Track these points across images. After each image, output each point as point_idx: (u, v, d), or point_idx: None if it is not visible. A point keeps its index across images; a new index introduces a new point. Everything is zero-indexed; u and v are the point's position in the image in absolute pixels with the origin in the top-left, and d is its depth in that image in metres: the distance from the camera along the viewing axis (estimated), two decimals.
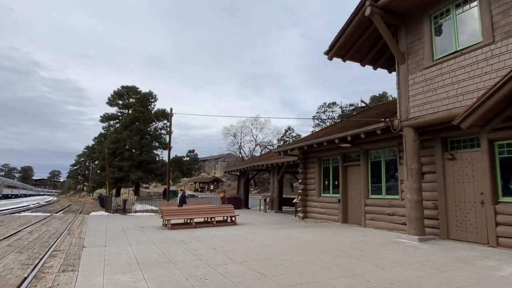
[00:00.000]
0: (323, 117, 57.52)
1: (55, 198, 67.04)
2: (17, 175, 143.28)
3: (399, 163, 9.83)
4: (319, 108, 57.79)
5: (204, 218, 13.47)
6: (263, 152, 62.46)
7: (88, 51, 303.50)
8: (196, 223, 12.74)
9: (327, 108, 57.08)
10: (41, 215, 18.70)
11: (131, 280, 5.15)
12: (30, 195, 77.39)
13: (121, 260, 6.58)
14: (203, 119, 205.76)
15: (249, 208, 22.89)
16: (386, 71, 11.57)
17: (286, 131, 63.68)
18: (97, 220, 15.84)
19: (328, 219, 12.70)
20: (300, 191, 14.14)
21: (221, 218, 13.58)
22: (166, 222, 12.48)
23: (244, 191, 23.83)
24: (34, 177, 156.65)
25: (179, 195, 24.11)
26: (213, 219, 13.10)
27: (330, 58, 10.33)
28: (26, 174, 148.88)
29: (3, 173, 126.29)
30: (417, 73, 8.59)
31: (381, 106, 16.27)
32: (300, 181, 14.31)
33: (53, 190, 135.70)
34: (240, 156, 67.40)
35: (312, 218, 13.59)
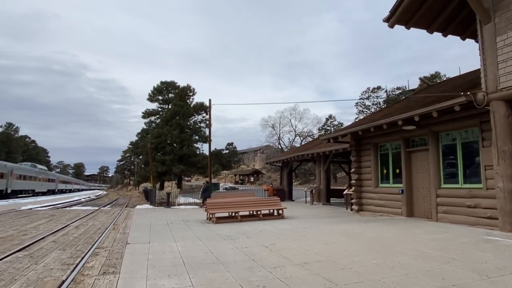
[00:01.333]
0: (367, 103, 54.36)
1: (104, 192, 70.81)
2: (70, 171, 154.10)
3: (481, 145, 8.17)
4: (362, 94, 54.73)
5: (249, 211, 12.68)
6: (303, 143, 60.87)
7: (129, 51, 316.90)
8: (241, 216, 11.97)
9: (371, 94, 53.83)
10: (90, 209, 19.10)
11: (177, 286, 4.37)
12: (82, 190, 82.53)
13: (165, 260, 5.88)
14: (240, 112, 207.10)
15: (293, 200, 21.87)
16: (450, 40, 9.88)
17: (327, 119, 61.34)
18: (142, 213, 15.70)
19: (389, 212, 11.28)
20: (353, 181, 12.81)
21: (266, 211, 12.72)
22: (211, 216, 11.84)
23: (287, 183, 22.80)
24: (86, 173, 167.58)
25: (202, 188, 23.33)
26: (259, 213, 12.25)
27: (391, 26, 8.87)
28: (78, 170, 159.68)
29: (58, 169, 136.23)
30: (508, 33, 6.93)
31: (447, 82, 14.28)
32: (353, 170, 12.95)
33: (103, 185, 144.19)
34: (280, 147, 66.27)
35: (369, 211, 12.23)
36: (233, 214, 12.40)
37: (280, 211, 12.57)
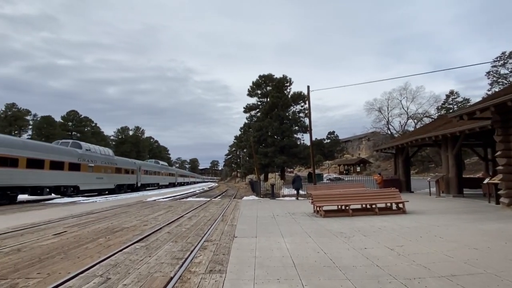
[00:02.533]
0: (503, 71, 44.06)
1: (216, 184, 76.95)
2: (187, 166, 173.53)
3: None
4: (495, 61, 44.53)
5: (361, 204, 11.27)
6: (417, 126, 54.04)
7: (228, 51, 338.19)
8: (353, 210, 10.68)
9: (507, 59, 43.53)
10: (202, 200, 20.37)
11: None
12: (197, 182, 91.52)
13: (274, 259, 5.24)
14: (340, 99, 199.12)
15: (412, 192, 19.15)
16: None
17: (447, 96, 52.28)
18: (249, 205, 15.79)
19: None
20: (500, 167, 10.04)
21: (382, 205, 11.10)
22: (318, 209, 10.91)
23: (403, 171, 20.03)
24: (199, 167, 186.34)
25: (292, 179, 22.15)
26: (373, 206, 10.74)
27: None
28: (193, 165, 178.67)
29: (177, 165, 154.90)
30: None
31: None
32: (499, 153, 10.12)
33: (215, 177, 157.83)
34: (389, 132, 60.26)
35: None
36: (343, 208, 11.21)
37: (401, 205, 10.79)
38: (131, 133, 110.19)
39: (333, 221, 9.47)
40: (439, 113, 51.52)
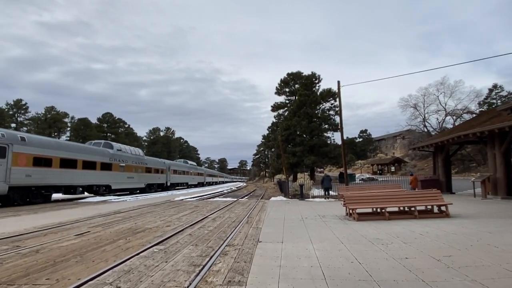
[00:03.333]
0: None
1: (244, 184, 76.90)
2: (216, 165, 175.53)
3: None
4: None
5: (399, 207, 10.36)
6: (456, 123, 50.78)
7: (255, 50, 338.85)
8: (390, 213, 9.81)
9: None
10: (229, 200, 20.05)
11: None
12: (225, 182, 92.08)
13: (301, 270, 4.65)
14: (372, 96, 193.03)
15: (453, 193, 17.67)
16: None
17: (490, 90, 48.44)
18: (276, 206, 15.22)
19: None
20: None
21: (422, 208, 10.12)
22: (351, 212, 10.14)
23: (443, 171, 18.54)
24: (228, 167, 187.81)
25: (321, 178, 21.20)
26: (412, 209, 9.80)
27: None
28: (222, 165, 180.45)
29: (206, 164, 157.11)
30: None
31: None
32: None
33: (243, 177, 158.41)
34: (425, 130, 57.12)
35: None
36: (378, 210, 10.37)
37: (443, 208, 9.77)
38: (162, 134, 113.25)
39: (368, 225, 8.69)
40: (480, 109, 48.02)
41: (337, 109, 50.40)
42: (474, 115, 45.20)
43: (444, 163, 18.63)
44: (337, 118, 48.60)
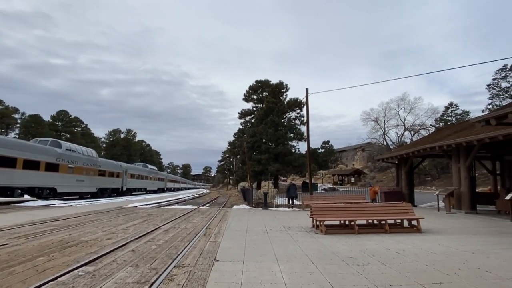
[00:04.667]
0: (504, 84, 43.03)
1: (207, 191, 74.81)
2: (179, 171, 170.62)
3: None
4: (497, 73, 43.49)
5: (367, 220, 9.74)
6: (414, 138, 52.90)
7: (224, 57, 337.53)
8: (359, 226, 9.13)
9: (508, 72, 42.48)
10: (188, 208, 18.65)
11: None
12: (188, 188, 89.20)
13: None
14: (335, 109, 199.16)
15: (416, 206, 17.62)
16: None
17: (447, 108, 50.88)
18: (239, 215, 14.15)
19: None
20: None
21: (391, 221, 9.57)
22: (319, 224, 9.34)
23: (406, 184, 18.54)
24: (192, 173, 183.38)
25: (287, 187, 20.64)
26: (382, 223, 9.20)
27: None
28: (185, 170, 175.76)
29: (169, 170, 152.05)
30: None
31: None
32: None
33: (207, 184, 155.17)
34: (385, 143, 59.07)
35: None
36: (346, 223, 9.66)
37: (414, 222, 9.27)
38: (122, 136, 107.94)
39: (337, 239, 7.90)
40: (437, 125, 50.45)
41: (302, 118, 50.69)
42: (434, 130, 47.29)
43: (407, 175, 18.68)
44: (302, 128, 48.77)
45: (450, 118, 48.87)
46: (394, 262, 5.53)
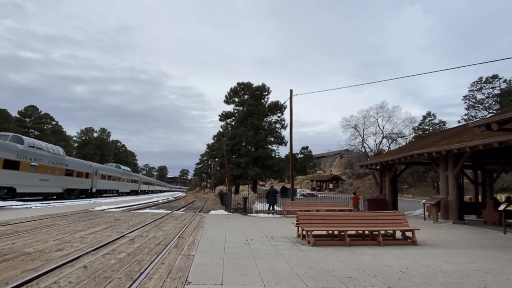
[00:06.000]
0: (479, 96, 44.38)
1: (183, 194, 72.63)
2: (155, 173, 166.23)
3: None
4: (473, 85, 44.73)
5: (357, 230, 8.91)
6: (391, 146, 53.55)
7: (206, 59, 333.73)
8: (350, 237, 8.28)
9: (484, 85, 43.84)
10: (162, 212, 17.30)
11: None
12: (163, 191, 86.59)
13: None
14: (315, 115, 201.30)
15: None
16: None
17: (424, 117, 51.92)
18: (216, 222, 13.02)
19: None
20: None
21: (382, 232, 8.78)
22: (306, 234, 8.41)
23: (390, 191, 18.04)
24: (168, 175, 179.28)
25: (266, 192, 19.51)
26: (377, 234, 8.39)
27: None
28: (162, 173, 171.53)
29: (144, 172, 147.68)
30: None
31: None
32: None
33: (183, 187, 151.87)
34: (363, 151, 59.47)
35: None
36: (335, 233, 8.80)
37: (408, 233, 8.53)
38: (96, 135, 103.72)
39: (328, 253, 6.99)
40: (416, 134, 51.29)
41: (283, 122, 50.09)
42: (411, 139, 47.83)
43: (391, 182, 18.19)
44: (283, 132, 48.16)
45: (427, 127, 49.83)
46: (403, 285, 4.65)
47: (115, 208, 19.21)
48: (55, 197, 27.47)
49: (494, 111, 41.06)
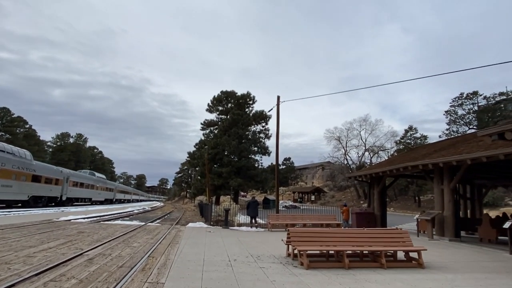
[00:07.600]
0: (460, 112, 45.25)
1: (161, 204, 70.02)
2: (133, 182, 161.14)
3: None
4: (454, 101, 45.57)
5: (355, 250, 7.87)
6: (373, 159, 53.60)
7: (189, 67, 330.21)
8: (349, 258, 7.22)
9: (464, 101, 44.73)
10: (134, 224, 15.76)
11: None
12: (140, 200, 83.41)
13: None
14: (297, 127, 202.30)
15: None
16: None
17: (406, 131, 52.42)
18: (194, 237, 11.70)
19: None
20: None
21: (383, 251, 7.78)
22: (299, 254, 7.30)
23: (379, 204, 17.21)
24: (147, 184, 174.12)
25: (247, 203, 18.15)
26: (378, 255, 7.38)
27: None
28: (140, 182, 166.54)
29: (122, 180, 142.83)
30: None
31: None
32: None
33: (162, 196, 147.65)
34: (346, 163, 59.31)
35: None
36: (331, 252, 7.74)
37: (412, 254, 7.57)
38: (72, 140, 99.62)
39: (327, 279, 5.89)
40: (397, 148, 51.63)
41: (267, 132, 49.24)
42: (393, 152, 48.04)
43: (380, 195, 17.40)
44: (267, 142, 47.27)
45: (409, 141, 50.24)
46: None
47: (83, 218, 17.47)
48: (20, 204, 25.24)
49: (475, 127, 41.87)
